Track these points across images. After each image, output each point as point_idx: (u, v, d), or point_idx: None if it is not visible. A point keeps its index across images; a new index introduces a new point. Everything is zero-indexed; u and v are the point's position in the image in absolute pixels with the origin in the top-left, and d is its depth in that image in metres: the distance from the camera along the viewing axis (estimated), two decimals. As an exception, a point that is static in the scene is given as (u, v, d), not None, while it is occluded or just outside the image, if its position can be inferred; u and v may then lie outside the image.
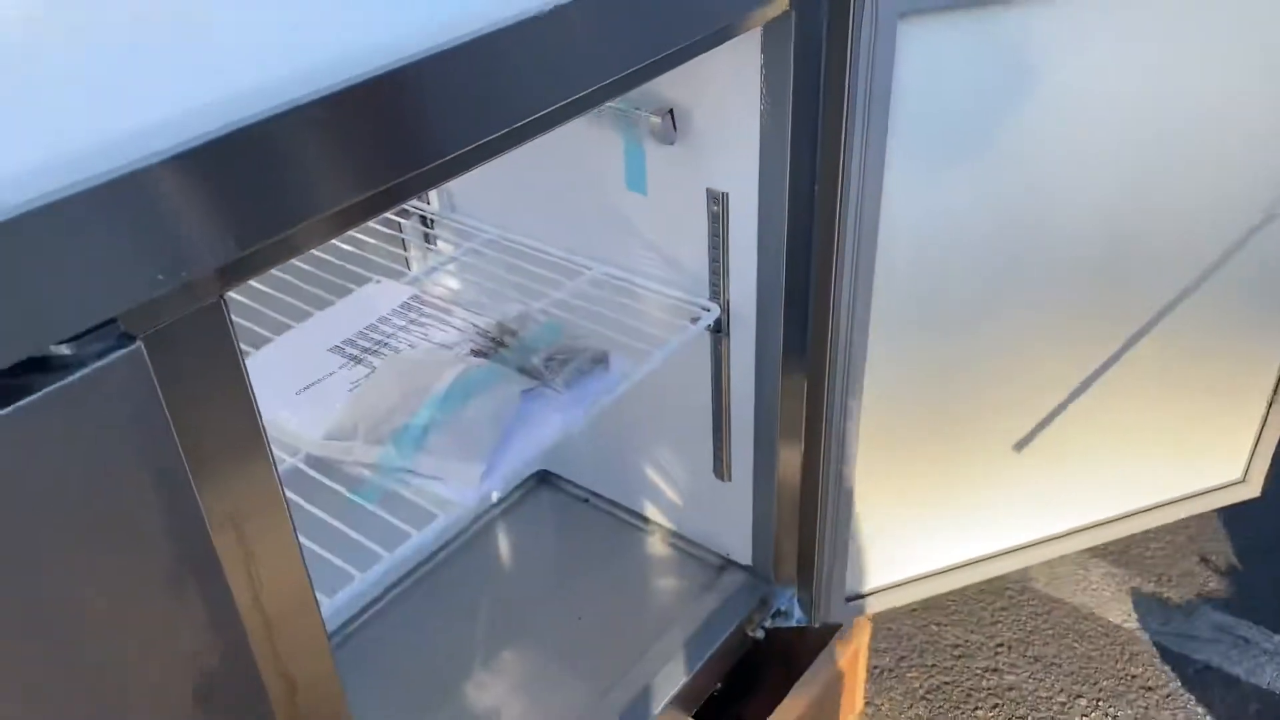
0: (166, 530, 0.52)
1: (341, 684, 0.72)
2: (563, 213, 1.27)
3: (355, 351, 1.10)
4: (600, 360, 1.05)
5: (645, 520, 1.47)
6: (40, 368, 0.46)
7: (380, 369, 1.06)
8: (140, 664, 0.54)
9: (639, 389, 1.30)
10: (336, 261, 1.26)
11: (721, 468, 1.30)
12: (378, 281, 1.23)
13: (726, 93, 1.03)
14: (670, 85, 1.07)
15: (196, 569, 0.55)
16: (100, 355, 0.47)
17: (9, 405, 0.44)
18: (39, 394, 0.45)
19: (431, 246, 1.43)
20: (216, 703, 0.58)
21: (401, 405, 0.98)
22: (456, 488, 0.92)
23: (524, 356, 1.05)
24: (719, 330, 1.18)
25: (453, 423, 0.96)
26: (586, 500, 1.53)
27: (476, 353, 1.07)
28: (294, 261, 1.24)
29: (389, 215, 1.36)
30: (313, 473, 0.95)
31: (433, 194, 1.39)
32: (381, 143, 0.60)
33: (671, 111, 1.07)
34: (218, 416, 0.57)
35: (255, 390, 0.78)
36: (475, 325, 1.11)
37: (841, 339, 1.12)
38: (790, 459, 1.23)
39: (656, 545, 1.44)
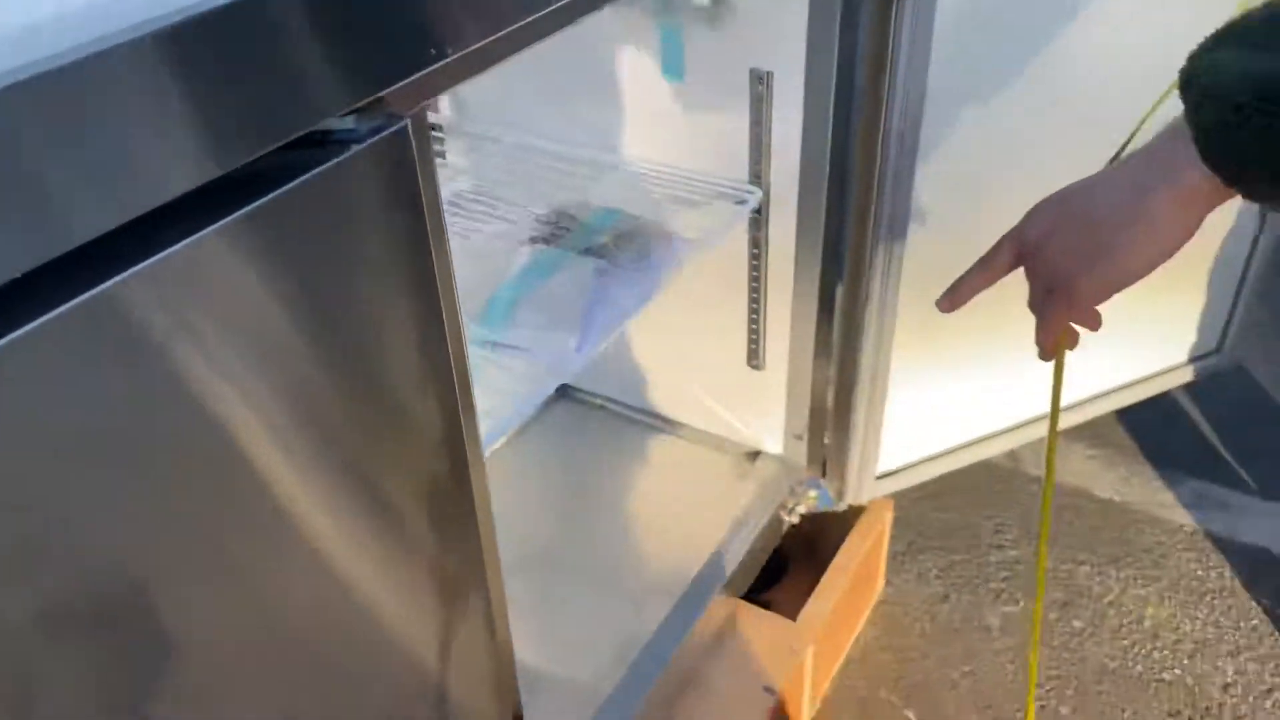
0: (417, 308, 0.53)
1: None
2: (591, 111, 1.27)
3: (409, 246, 1.09)
4: (663, 238, 1.07)
5: (670, 421, 1.50)
6: (315, 142, 0.46)
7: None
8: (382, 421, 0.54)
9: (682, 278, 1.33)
10: None
11: (758, 355, 1.33)
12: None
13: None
14: (713, -36, 1.08)
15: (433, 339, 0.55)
16: (374, 132, 0.47)
17: (299, 177, 0.44)
18: (325, 166, 0.45)
19: (440, 160, 1.41)
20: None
21: (480, 286, 0.98)
22: (552, 358, 0.92)
23: (589, 238, 1.05)
24: (758, 213, 1.21)
25: (537, 298, 0.97)
26: (603, 408, 1.55)
27: (537, 240, 1.07)
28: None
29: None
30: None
31: (443, 102, 1.37)
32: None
33: (715, -11, 1.09)
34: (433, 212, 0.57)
35: None
36: (533, 214, 1.11)
37: (884, 221, 1.16)
38: (827, 340, 1.27)
39: (687, 443, 1.47)
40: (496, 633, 0.76)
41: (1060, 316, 0.66)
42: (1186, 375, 1.60)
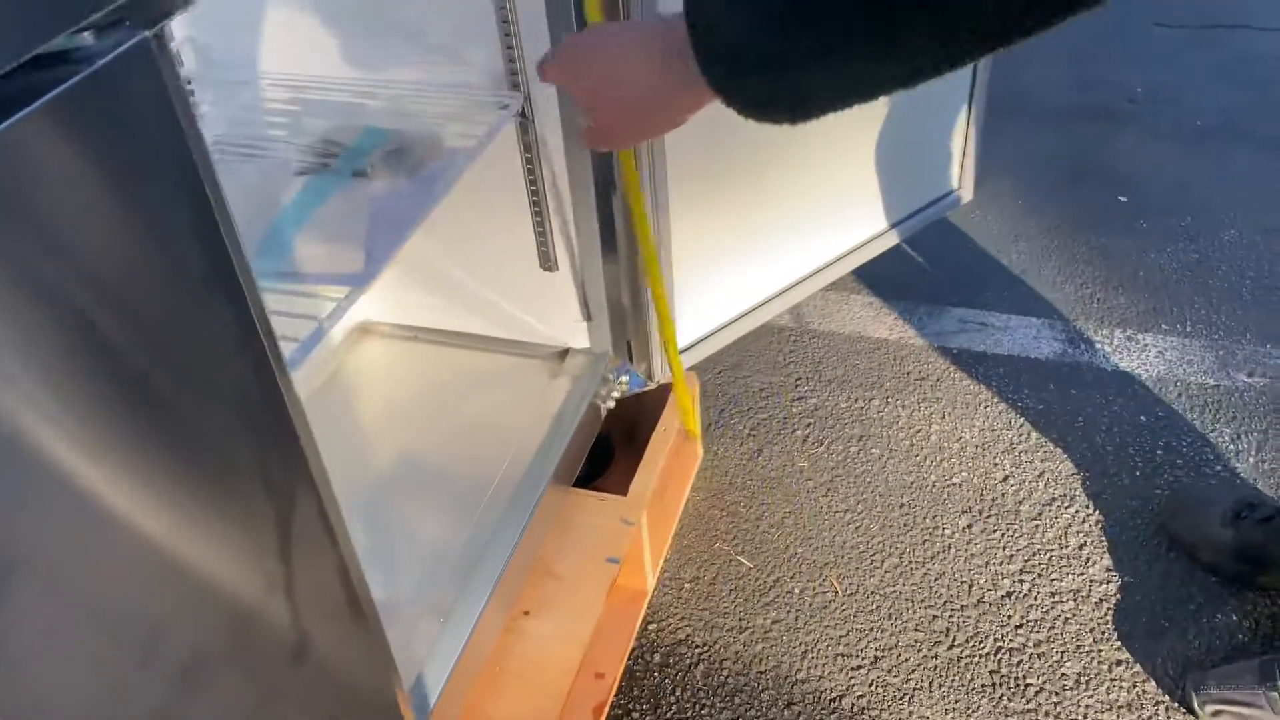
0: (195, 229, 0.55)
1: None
2: (339, 41, 1.27)
3: (176, 197, 1.08)
4: (433, 150, 1.10)
5: (478, 337, 1.54)
6: (54, 63, 0.47)
7: (216, 201, 1.04)
8: (172, 373, 0.57)
9: (449, 202, 1.36)
10: None
11: (549, 258, 1.39)
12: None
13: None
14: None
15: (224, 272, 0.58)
16: (113, 48, 0.48)
17: (38, 100, 0.45)
18: (63, 87, 0.46)
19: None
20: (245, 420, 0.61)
21: (255, 220, 0.98)
22: (343, 277, 0.95)
23: (358, 160, 1.07)
24: (524, 117, 1.25)
25: (316, 225, 0.98)
26: (415, 338, 1.57)
27: (303, 172, 1.08)
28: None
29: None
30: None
31: (188, 54, 1.33)
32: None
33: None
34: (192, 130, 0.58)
35: None
36: (295, 146, 1.11)
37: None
38: (611, 236, 1.34)
39: (497, 355, 1.52)
40: (338, 541, 0.79)
41: (590, 138, 0.75)
42: (933, 216, 1.77)
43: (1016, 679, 1.34)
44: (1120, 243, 2.06)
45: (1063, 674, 1.34)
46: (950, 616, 1.41)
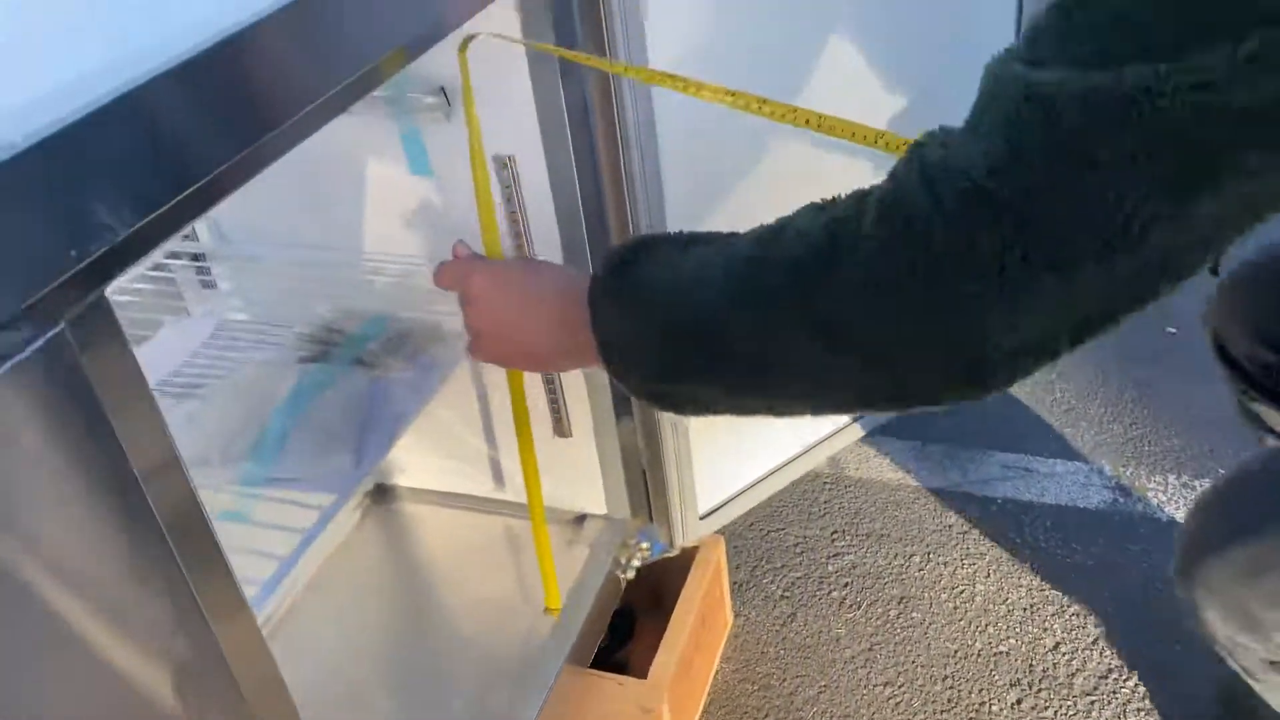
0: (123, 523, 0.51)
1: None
2: (350, 216, 1.27)
3: (177, 390, 1.06)
4: (437, 334, 1.07)
5: (492, 501, 1.49)
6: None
7: (211, 395, 1.02)
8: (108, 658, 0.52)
9: (460, 372, 1.33)
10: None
11: (561, 425, 1.35)
12: (174, 321, 1.18)
13: (494, 56, 1.07)
14: (436, 62, 1.10)
15: (156, 559, 0.54)
16: (25, 344, 0.45)
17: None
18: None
19: (208, 282, 1.38)
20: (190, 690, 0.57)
21: (248, 421, 0.96)
22: (331, 481, 0.91)
23: (358, 349, 1.05)
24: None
25: (308, 423, 0.95)
26: (428, 502, 1.53)
27: (307, 360, 1.06)
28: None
29: (157, 260, 1.30)
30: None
31: (201, 230, 1.34)
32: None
33: (443, 89, 1.11)
34: (129, 411, 0.55)
35: None
36: (298, 334, 1.10)
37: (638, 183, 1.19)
38: (625, 400, 1.30)
39: (512, 521, 1.47)
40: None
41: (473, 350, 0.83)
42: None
43: None
44: (1170, 379, 1.97)
45: None
46: (1002, 808, 1.30)
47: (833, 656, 1.52)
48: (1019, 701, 1.42)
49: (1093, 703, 1.41)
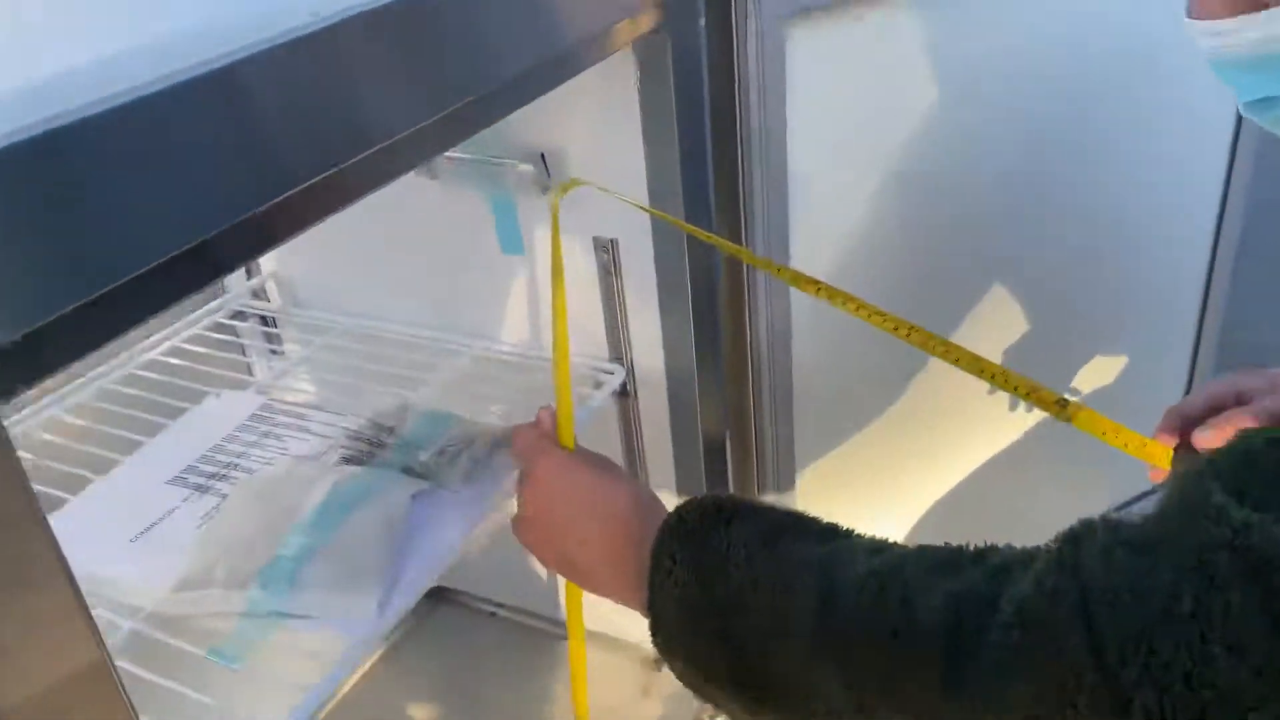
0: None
1: None
2: (429, 291, 1.12)
3: (199, 480, 0.91)
4: (502, 444, 0.90)
5: (561, 624, 1.30)
6: None
7: (232, 496, 0.87)
8: None
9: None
10: (166, 380, 1.07)
11: (645, 551, 1.15)
12: (217, 395, 1.04)
13: (603, 126, 0.91)
14: (537, 127, 0.94)
15: None
16: None
17: None
18: None
19: (277, 349, 1.25)
20: None
21: (265, 535, 0.80)
22: (349, 625, 0.74)
23: (409, 455, 0.88)
24: (625, 394, 1.05)
25: (332, 547, 0.78)
26: (493, 614, 1.35)
27: (350, 460, 0.90)
28: (114, 386, 1.05)
29: (222, 320, 1.18)
30: (161, 635, 0.75)
31: (272, 290, 1.22)
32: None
33: (543, 156, 0.95)
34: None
35: (76, 545, 0.64)
36: (344, 428, 0.94)
37: (765, 395, 1.01)
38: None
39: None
40: None
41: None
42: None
43: None
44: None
45: None
46: None
47: None
48: None
49: None
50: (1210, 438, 0.69)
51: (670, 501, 0.66)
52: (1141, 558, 0.45)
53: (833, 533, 0.59)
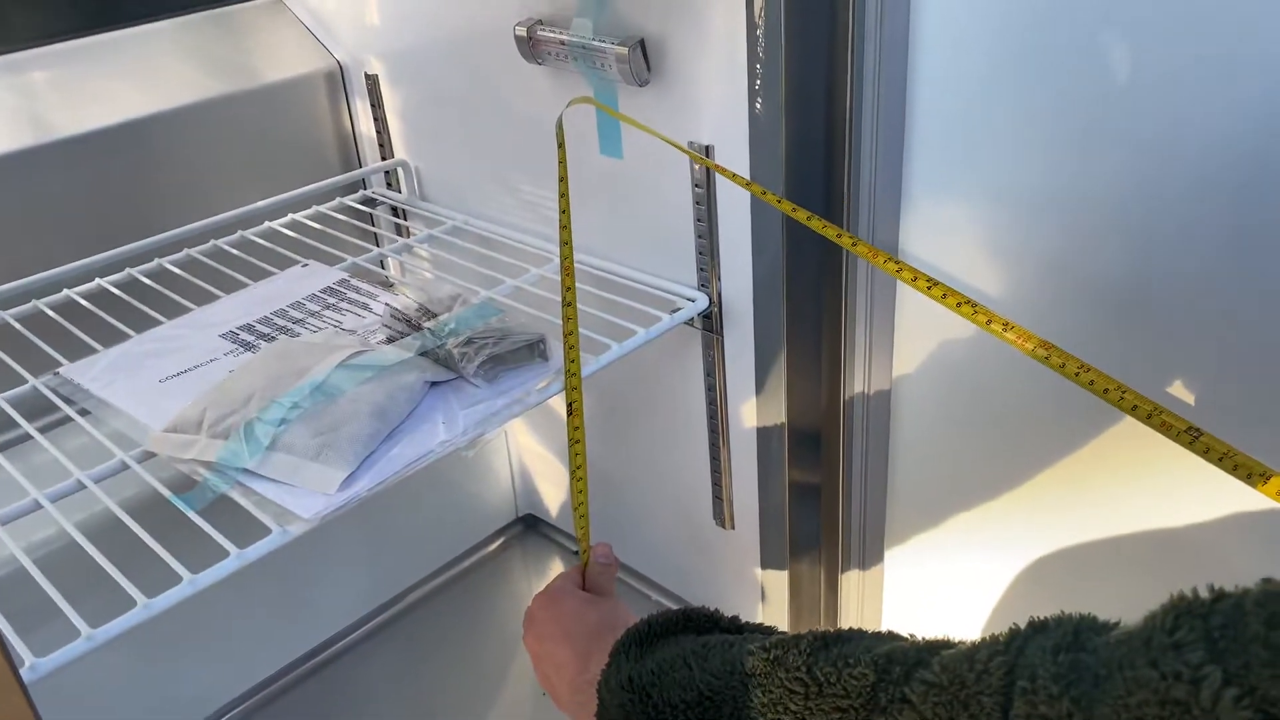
0: None
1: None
2: (538, 194, 1.06)
3: (249, 337, 0.90)
4: (536, 349, 0.82)
5: (641, 578, 1.21)
6: None
7: (261, 353, 0.84)
8: None
9: (623, 410, 1.07)
10: (309, 242, 1.08)
11: (723, 513, 1.04)
12: (304, 265, 1.03)
13: (707, 12, 0.80)
14: (642, 10, 0.85)
15: None
16: None
17: None
18: None
19: (403, 237, 1.23)
20: None
21: (263, 393, 0.76)
22: (301, 498, 0.69)
23: (435, 340, 0.82)
24: (711, 329, 0.94)
25: (320, 415, 0.74)
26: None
27: (390, 340, 0.85)
28: (251, 236, 1.07)
29: (355, 205, 1.17)
30: (144, 474, 0.73)
31: (401, 179, 1.20)
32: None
33: (642, 42, 0.85)
34: None
35: (119, 375, 0.80)
36: (392, 308, 0.89)
37: (859, 337, 0.86)
38: (805, 495, 0.97)
39: (654, 605, 1.18)
40: None
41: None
42: None
43: None
44: None
45: None
46: None
47: None
48: None
49: None
50: None
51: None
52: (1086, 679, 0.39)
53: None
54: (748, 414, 0.96)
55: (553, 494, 1.32)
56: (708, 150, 0.86)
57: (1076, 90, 0.69)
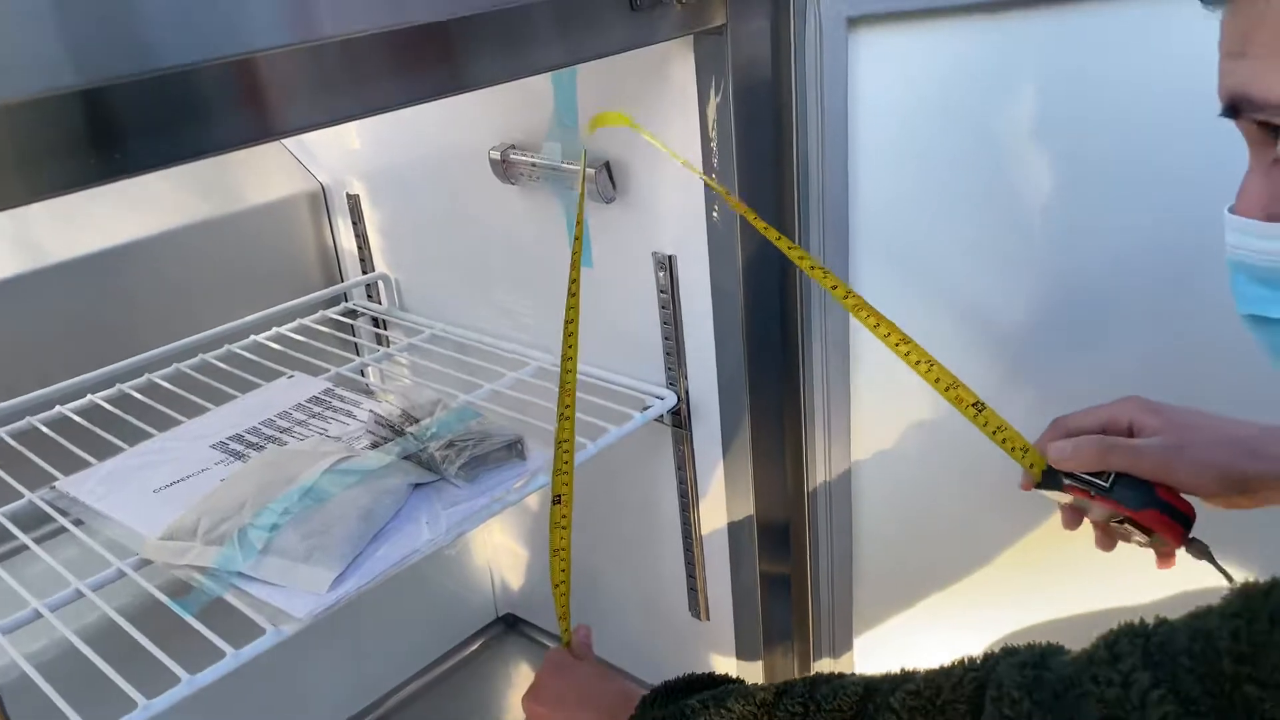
0: None
1: None
2: (513, 302, 1.12)
3: (239, 447, 0.94)
4: (514, 449, 0.86)
5: (618, 671, 1.23)
6: None
7: (251, 462, 0.88)
8: None
9: (598, 505, 1.11)
10: (293, 354, 1.13)
11: (698, 604, 1.07)
12: (290, 376, 1.07)
13: (665, 133, 0.87)
14: (607, 134, 0.92)
15: None
16: None
17: None
18: None
19: (384, 347, 1.28)
20: None
21: (255, 500, 0.80)
22: (294, 598, 0.72)
23: (419, 444, 0.86)
24: (680, 425, 0.99)
25: (309, 519, 0.77)
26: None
27: (374, 445, 0.89)
28: (237, 350, 1.12)
29: (337, 317, 1.23)
30: (142, 580, 0.77)
31: (381, 292, 1.26)
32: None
33: (608, 164, 0.92)
34: None
35: (115, 485, 0.84)
36: (376, 414, 0.94)
37: (819, 428, 0.92)
38: (776, 585, 1.00)
39: (629, 701, 1.20)
40: None
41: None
42: None
43: None
44: None
45: None
46: None
47: None
48: None
49: None
50: (1065, 456, 0.67)
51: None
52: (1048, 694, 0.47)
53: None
54: (718, 506, 1.00)
55: (531, 591, 1.35)
56: (670, 260, 0.92)
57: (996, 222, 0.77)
